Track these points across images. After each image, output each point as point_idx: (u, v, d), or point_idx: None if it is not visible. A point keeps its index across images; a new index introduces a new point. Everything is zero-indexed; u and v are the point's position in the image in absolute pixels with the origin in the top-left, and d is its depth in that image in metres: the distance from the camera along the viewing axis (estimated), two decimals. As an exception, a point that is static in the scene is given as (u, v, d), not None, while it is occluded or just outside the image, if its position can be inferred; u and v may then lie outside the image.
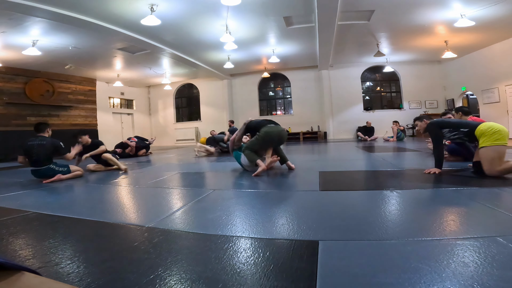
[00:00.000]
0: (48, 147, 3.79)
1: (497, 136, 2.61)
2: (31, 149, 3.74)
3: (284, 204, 2.17)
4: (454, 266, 1.03)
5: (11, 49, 7.24)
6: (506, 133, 2.67)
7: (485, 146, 2.65)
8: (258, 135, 3.62)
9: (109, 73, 10.80)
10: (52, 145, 3.83)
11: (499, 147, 2.59)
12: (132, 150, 7.52)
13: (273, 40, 8.41)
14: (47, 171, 3.74)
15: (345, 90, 12.30)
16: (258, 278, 1.02)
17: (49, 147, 3.80)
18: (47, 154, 3.78)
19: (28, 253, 1.34)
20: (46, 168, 3.75)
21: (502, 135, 2.61)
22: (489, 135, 2.64)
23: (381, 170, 3.50)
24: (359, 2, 6.09)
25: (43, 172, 3.75)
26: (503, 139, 2.61)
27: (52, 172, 3.75)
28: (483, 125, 2.73)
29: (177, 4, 5.72)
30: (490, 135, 2.63)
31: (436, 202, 2.07)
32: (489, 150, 2.63)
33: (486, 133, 2.66)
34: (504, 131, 2.66)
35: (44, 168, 3.75)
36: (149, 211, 2.13)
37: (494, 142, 2.60)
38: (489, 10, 6.35)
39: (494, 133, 2.63)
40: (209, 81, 13.56)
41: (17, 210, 2.19)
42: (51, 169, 3.76)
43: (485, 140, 2.66)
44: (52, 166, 3.78)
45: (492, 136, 2.62)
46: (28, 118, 9.19)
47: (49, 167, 3.76)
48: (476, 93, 10.23)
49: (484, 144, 2.66)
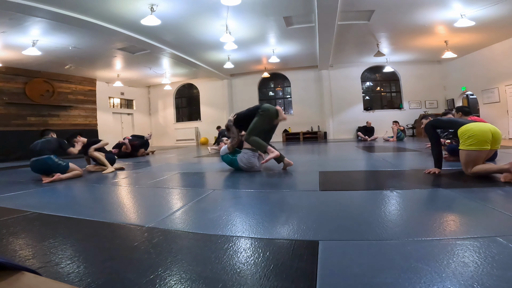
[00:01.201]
0: (53, 142, 4.01)
1: (471, 141, 2.61)
2: (36, 145, 3.90)
3: (284, 204, 2.17)
4: (454, 266, 1.03)
5: (11, 49, 7.24)
6: (485, 137, 2.58)
7: (460, 148, 2.72)
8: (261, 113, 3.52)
9: (109, 73, 10.81)
10: (56, 140, 4.04)
11: (470, 152, 2.62)
12: (128, 148, 7.39)
13: (273, 40, 8.41)
14: (48, 159, 3.73)
15: (345, 90, 12.30)
16: (258, 278, 1.02)
17: (54, 142, 4.01)
18: (51, 148, 3.89)
19: (28, 253, 1.34)
20: (46, 157, 3.74)
21: (478, 140, 2.58)
22: (464, 139, 2.68)
23: (381, 170, 3.50)
24: (359, 2, 6.09)
25: (43, 161, 3.71)
26: (477, 144, 2.58)
27: (51, 161, 3.73)
28: (463, 126, 2.73)
29: (177, 4, 5.72)
30: (465, 139, 2.66)
31: (436, 202, 2.07)
32: (462, 154, 2.70)
33: (462, 136, 2.70)
34: (481, 136, 2.58)
35: (45, 157, 3.73)
36: (149, 211, 2.13)
37: (467, 147, 2.64)
38: (489, 10, 6.35)
39: (468, 137, 2.63)
40: (209, 81, 13.57)
41: (17, 210, 2.19)
42: (51, 158, 3.75)
43: (461, 143, 2.71)
44: (52, 156, 3.80)
45: (466, 140, 2.64)
46: (28, 118, 9.20)
47: (50, 156, 3.77)
48: (476, 93, 10.23)
49: (460, 146, 2.73)
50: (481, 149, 2.60)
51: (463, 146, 2.69)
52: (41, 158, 3.74)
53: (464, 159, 2.70)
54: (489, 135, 2.60)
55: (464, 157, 2.69)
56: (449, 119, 3.15)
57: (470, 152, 2.63)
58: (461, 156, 2.74)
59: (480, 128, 2.63)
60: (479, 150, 2.60)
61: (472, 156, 2.63)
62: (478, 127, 2.66)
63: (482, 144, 2.59)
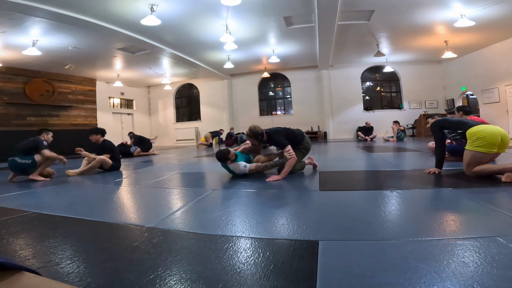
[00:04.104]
0: (30, 142, 3.96)
1: (480, 142, 2.61)
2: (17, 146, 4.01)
3: (284, 204, 2.17)
4: (454, 266, 1.03)
5: (11, 49, 7.24)
6: (494, 140, 2.58)
7: (467, 148, 2.72)
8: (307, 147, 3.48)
9: (109, 73, 10.81)
10: (34, 140, 3.97)
11: (476, 153, 2.62)
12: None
13: (273, 40, 8.41)
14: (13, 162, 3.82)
15: (345, 90, 12.30)
16: (258, 278, 1.02)
17: (31, 142, 3.96)
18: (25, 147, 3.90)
19: (28, 253, 1.34)
20: (11, 159, 3.84)
21: (486, 142, 2.58)
22: (472, 140, 2.67)
23: (381, 170, 3.50)
24: (359, 2, 6.09)
25: (12, 161, 3.83)
26: (486, 146, 2.58)
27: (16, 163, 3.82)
28: (473, 128, 2.73)
29: (177, 4, 5.72)
30: (474, 140, 2.65)
31: (436, 202, 2.07)
32: (468, 154, 2.69)
33: (471, 137, 2.69)
34: (491, 138, 2.57)
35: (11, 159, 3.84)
36: (149, 211, 2.13)
37: (475, 148, 2.63)
38: (489, 10, 6.35)
39: (478, 138, 2.63)
40: (209, 81, 13.57)
41: (17, 210, 2.19)
42: (15, 160, 3.83)
43: (469, 143, 2.70)
44: (16, 158, 3.85)
45: (475, 141, 2.64)
46: (28, 118, 9.20)
47: (14, 158, 3.84)
48: (476, 93, 10.23)
49: (467, 147, 2.72)
50: (488, 152, 2.60)
51: (470, 147, 2.68)
52: (11, 159, 3.86)
53: (468, 159, 2.68)
54: (498, 139, 2.60)
55: (468, 157, 2.67)
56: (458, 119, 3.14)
57: (476, 154, 2.62)
58: (465, 156, 2.71)
59: (491, 131, 2.63)
60: (486, 153, 2.60)
61: (477, 158, 2.62)
62: (489, 129, 2.66)
63: (490, 147, 2.59)
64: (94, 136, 4.63)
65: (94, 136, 4.63)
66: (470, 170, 2.67)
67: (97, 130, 4.73)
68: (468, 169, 2.69)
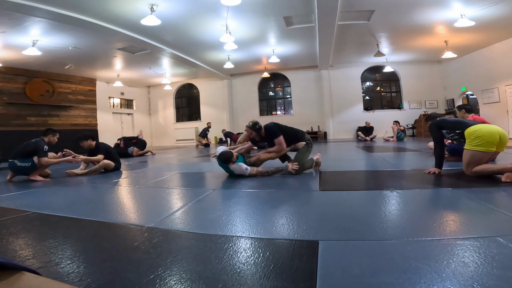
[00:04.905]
0: (31, 144, 3.87)
1: (478, 141, 2.61)
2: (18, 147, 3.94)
3: (284, 204, 2.17)
4: (454, 266, 1.03)
5: (11, 49, 7.24)
6: (492, 138, 2.58)
7: (465, 148, 2.72)
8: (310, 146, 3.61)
9: (109, 73, 10.81)
10: (35, 144, 3.88)
11: (475, 153, 2.62)
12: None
13: (273, 40, 8.41)
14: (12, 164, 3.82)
15: (345, 90, 12.30)
16: (258, 278, 1.02)
17: (32, 145, 3.87)
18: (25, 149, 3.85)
19: (28, 253, 1.34)
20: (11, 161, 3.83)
21: (485, 141, 2.58)
22: (471, 139, 2.68)
23: (381, 170, 3.50)
24: (359, 2, 6.09)
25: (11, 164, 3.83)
26: (484, 145, 2.59)
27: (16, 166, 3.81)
28: (471, 127, 2.73)
29: (177, 4, 5.72)
30: (472, 139, 2.66)
31: (436, 202, 2.07)
32: (466, 153, 2.70)
33: (469, 136, 2.70)
34: (489, 137, 2.58)
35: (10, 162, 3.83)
36: (149, 211, 2.13)
37: (473, 147, 2.64)
38: (489, 10, 6.35)
39: (476, 137, 2.63)
40: (209, 81, 13.56)
41: (17, 210, 2.19)
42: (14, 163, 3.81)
43: (467, 143, 2.71)
44: (15, 161, 3.82)
45: (474, 140, 2.64)
46: (28, 118, 9.20)
47: (13, 161, 3.82)
48: (476, 93, 10.23)
49: (466, 146, 2.72)
50: (486, 151, 2.60)
51: (469, 146, 2.68)
52: (10, 161, 3.85)
53: (467, 158, 2.69)
54: (496, 137, 2.60)
55: (468, 157, 2.68)
56: (456, 119, 3.14)
57: (475, 153, 2.63)
58: (464, 156, 2.73)
59: (488, 130, 2.64)
60: (484, 152, 2.60)
61: (476, 157, 2.63)
62: (487, 128, 2.66)
63: (488, 146, 2.59)
64: (85, 143, 4.45)
65: (85, 142, 4.45)
66: (470, 170, 2.67)
67: (85, 136, 4.49)
68: (468, 169, 2.69)
